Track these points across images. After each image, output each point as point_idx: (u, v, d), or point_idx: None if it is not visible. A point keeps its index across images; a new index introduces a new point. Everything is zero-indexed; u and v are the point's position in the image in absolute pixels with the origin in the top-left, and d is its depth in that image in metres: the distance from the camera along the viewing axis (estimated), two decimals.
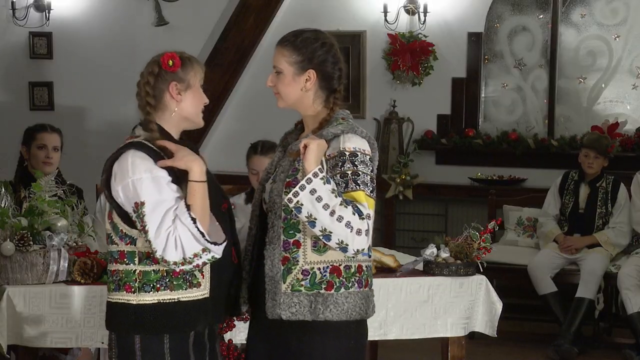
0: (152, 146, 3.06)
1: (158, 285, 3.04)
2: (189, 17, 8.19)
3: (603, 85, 7.95)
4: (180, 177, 3.04)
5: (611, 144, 6.83)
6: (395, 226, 8.04)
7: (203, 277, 3.09)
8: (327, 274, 3.15)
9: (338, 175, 3.10)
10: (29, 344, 4.05)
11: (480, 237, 4.50)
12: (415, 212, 8.04)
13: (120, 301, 3.07)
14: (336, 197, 3.04)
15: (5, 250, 4.00)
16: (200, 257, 2.99)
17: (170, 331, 3.05)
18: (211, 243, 2.97)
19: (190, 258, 2.97)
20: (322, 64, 3.23)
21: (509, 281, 7.07)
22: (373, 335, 4.39)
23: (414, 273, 4.49)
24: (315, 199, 3.01)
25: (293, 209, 3.04)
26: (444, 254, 4.49)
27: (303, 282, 3.14)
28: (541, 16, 8.03)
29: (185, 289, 3.06)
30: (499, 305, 4.51)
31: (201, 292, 3.09)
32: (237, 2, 8.16)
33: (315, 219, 3.02)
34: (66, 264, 4.12)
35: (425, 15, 7.91)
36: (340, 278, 3.17)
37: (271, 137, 4.84)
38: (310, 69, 3.22)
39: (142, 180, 2.98)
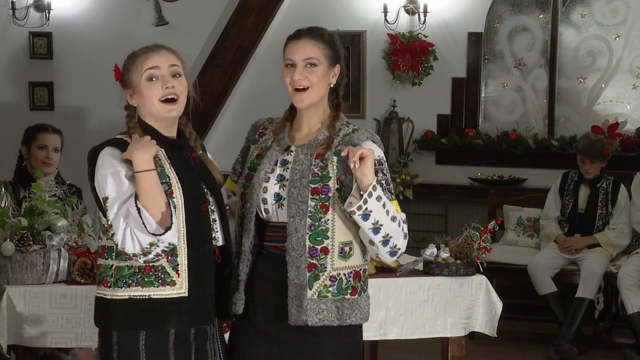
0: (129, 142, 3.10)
1: (130, 281, 3.04)
2: (189, 17, 8.18)
3: (603, 85, 7.95)
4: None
5: (606, 146, 6.77)
6: None
7: (178, 276, 3.06)
8: (352, 279, 3.15)
9: None
10: (29, 344, 4.05)
11: (480, 237, 4.50)
12: (415, 212, 8.03)
13: (98, 295, 3.12)
14: (391, 203, 3.07)
15: (5, 250, 4.00)
16: (157, 246, 3.00)
17: (141, 328, 3.04)
18: (151, 234, 2.96)
19: (147, 248, 2.99)
20: (342, 60, 3.24)
21: (509, 281, 7.07)
22: (373, 335, 4.39)
23: (414, 273, 4.49)
24: (381, 205, 3.01)
25: (359, 217, 3.00)
26: (444, 254, 4.49)
27: (330, 289, 3.12)
28: (541, 16, 8.03)
29: (157, 286, 3.04)
30: (499, 305, 4.51)
31: (176, 290, 3.06)
32: (237, 2, 8.15)
33: (382, 225, 3.03)
34: (66, 264, 4.13)
35: (425, 15, 7.91)
36: (361, 282, 3.19)
37: None
38: (338, 65, 3.22)
39: (106, 176, 3.04)
